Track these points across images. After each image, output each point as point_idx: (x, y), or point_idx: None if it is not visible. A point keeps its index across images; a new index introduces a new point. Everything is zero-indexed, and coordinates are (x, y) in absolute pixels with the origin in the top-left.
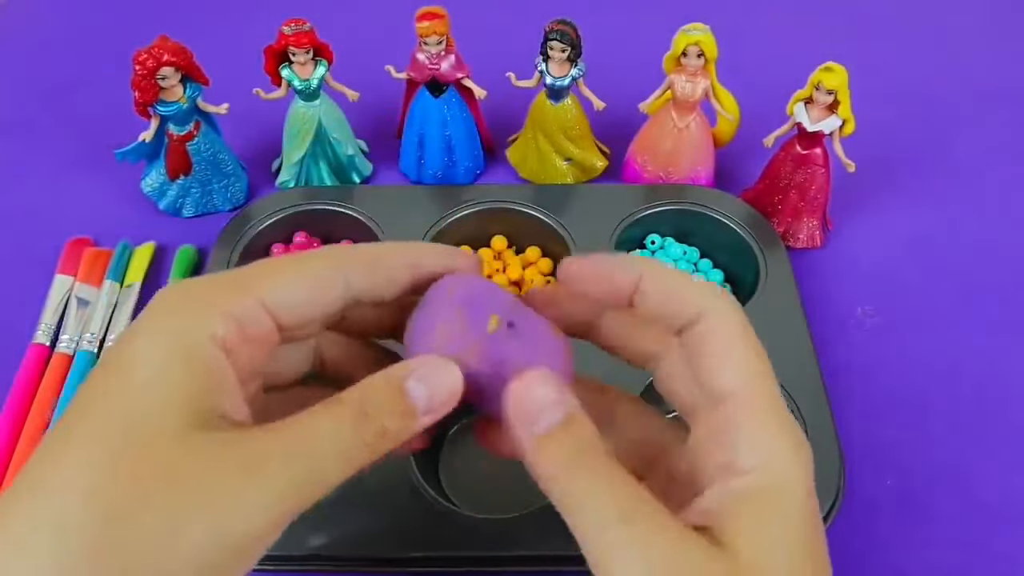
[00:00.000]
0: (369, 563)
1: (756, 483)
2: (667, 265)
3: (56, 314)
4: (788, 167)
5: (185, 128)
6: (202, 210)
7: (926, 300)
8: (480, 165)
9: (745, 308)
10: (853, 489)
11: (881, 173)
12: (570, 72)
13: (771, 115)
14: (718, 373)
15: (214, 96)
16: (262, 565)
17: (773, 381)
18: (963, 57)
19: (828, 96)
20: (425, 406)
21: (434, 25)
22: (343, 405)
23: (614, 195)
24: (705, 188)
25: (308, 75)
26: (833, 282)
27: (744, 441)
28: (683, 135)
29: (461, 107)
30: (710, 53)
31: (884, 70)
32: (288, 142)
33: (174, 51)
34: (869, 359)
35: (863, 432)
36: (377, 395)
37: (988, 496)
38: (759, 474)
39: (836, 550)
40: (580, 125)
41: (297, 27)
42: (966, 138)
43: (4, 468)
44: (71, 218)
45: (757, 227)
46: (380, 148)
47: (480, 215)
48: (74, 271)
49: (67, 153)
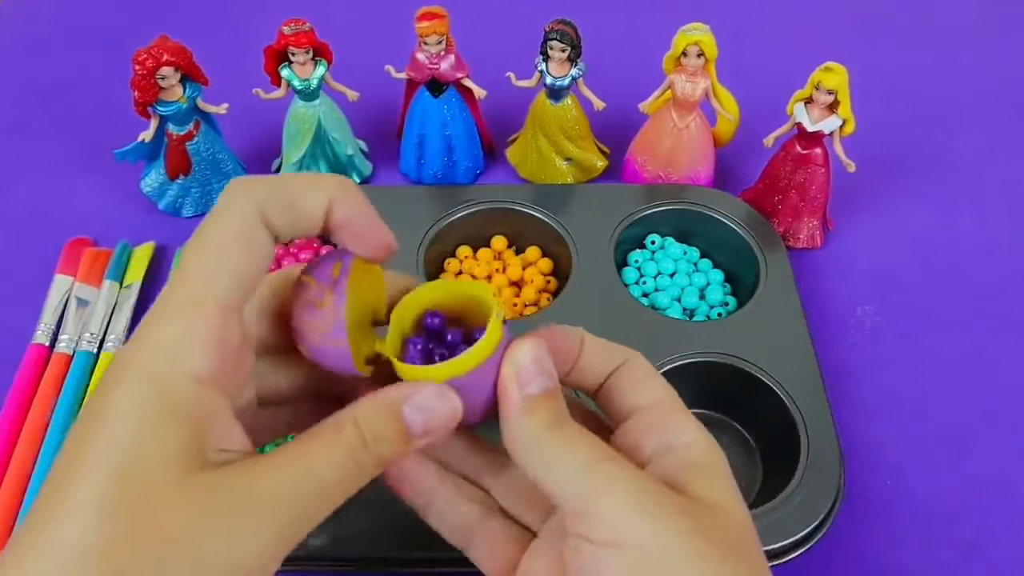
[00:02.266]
0: (369, 563)
1: (698, 452)
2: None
3: (56, 314)
4: (788, 167)
5: (185, 128)
6: (202, 210)
7: (926, 300)
8: (480, 165)
9: (745, 308)
10: (853, 489)
11: (881, 173)
12: (570, 72)
13: (771, 115)
14: (651, 388)
15: (214, 96)
16: None
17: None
18: (963, 57)
19: (828, 96)
20: (421, 432)
21: (434, 25)
22: (341, 434)
23: (614, 195)
24: (705, 188)
25: (308, 75)
26: (833, 282)
27: (679, 427)
28: (683, 135)
29: (461, 107)
30: (710, 53)
31: (884, 70)
32: (288, 142)
33: (174, 51)
34: (869, 359)
35: (863, 432)
36: (375, 424)
37: (988, 496)
38: (697, 447)
39: (836, 550)
40: (580, 125)
41: (297, 27)
42: (966, 138)
43: (4, 468)
44: (71, 218)
45: (757, 227)
46: (380, 148)
47: (480, 215)
48: (74, 271)
49: (67, 153)
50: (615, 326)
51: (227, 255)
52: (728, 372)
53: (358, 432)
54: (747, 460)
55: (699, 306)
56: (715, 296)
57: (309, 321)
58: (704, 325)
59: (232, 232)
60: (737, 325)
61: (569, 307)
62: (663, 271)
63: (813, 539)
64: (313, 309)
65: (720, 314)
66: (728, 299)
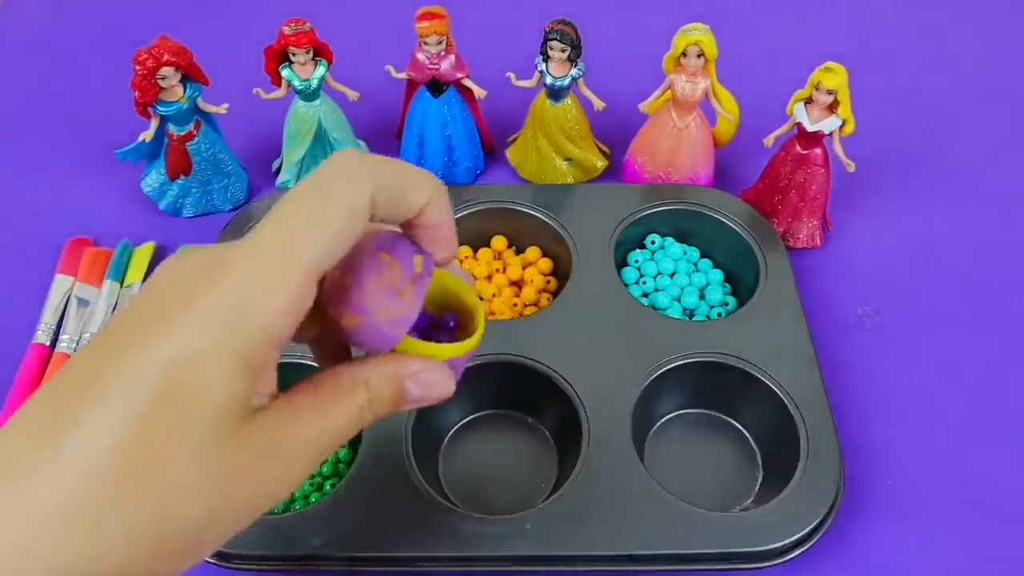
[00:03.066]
0: (369, 563)
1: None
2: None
3: (56, 314)
4: (788, 167)
5: (185, 128)
6: (202, 210)
7: (926, 300)
8: (480, 165)
9: (745, 308)
10: (853, 489)
11: (881, 173)
12: (570, 72)
13: (771, 115)
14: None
15: (214, 96)
16: (262, 565)
17: None
18: (963, 57)
19: (828, 96)
20: (413, 401)
21: (434, 25)
22: (354, 395)
23: (614, 195)
24: (705, 188)
25: (308, 75)
26: (833, 282)
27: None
28: (683, 135)
29: (461, 107)
30: (710, 53)
31: (884, 70)
32: (288, 142)
33: (174, 51)
34: (869, 359)
35: (863, 432)
36: (382, 390)
37: (988, 496)
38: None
39: (836, 550)
40: (580, 125)
41: (297, 27)
42: (966, 138)
43: None
44: (71, 218)
45: (757, 227)
46: (380, 148)
47: (480, 215)
48: (74, 271)
49: (67, 153)
50: (615, 326)
51: (331, 228)
52: (728, 372)
53: (367, 394)
54: (747, 460)
55: (699, 306)
56: (715, 296)
57: (383, 303)
58: (704, 325)
59: (344, 208)
60: (737, 325)
61: (569, 307)
62: (663, 271)
63: (813, 539)
64: (392, 295)
65: (720, 314)
66: (728, 299)
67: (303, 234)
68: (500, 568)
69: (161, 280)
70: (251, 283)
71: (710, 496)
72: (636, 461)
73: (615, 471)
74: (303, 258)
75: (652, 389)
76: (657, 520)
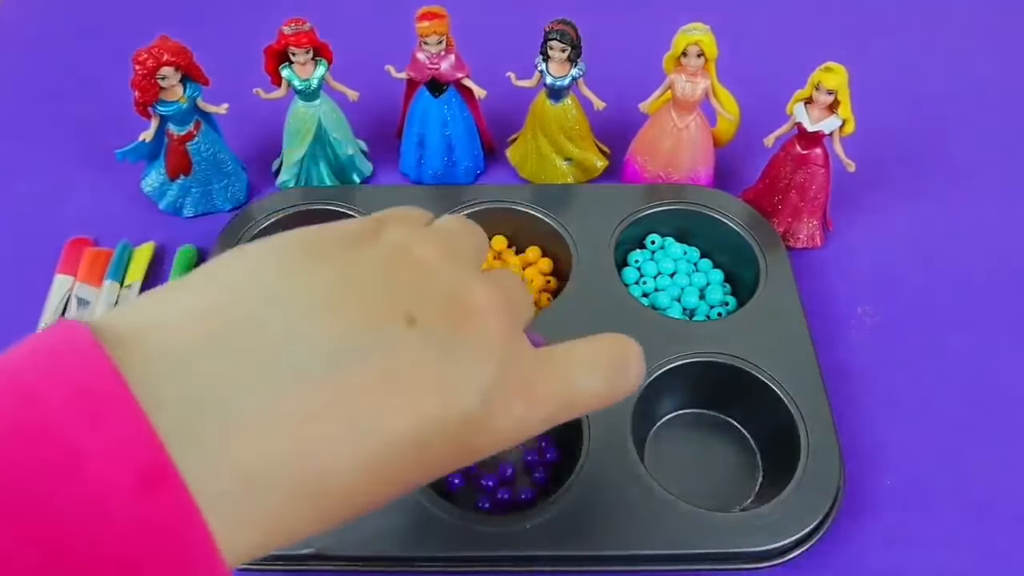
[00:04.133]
0: (369, 563)
1: None
2: None
3: (56, 314)
4: (788, 167)
5: (185, 128)
6: (202, 210)
7: (926, 300)
8: (480, 165)
9: (745, 308)
10: (853, 489)
11: (881, 173)
12: (570, 72)
13: (771, 115)
14: None
15: (214, 96)
16: (262, 565)
17: None
18: (963, 57)
19: (828, 96)
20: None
21: (434, 25)
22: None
23: (614, 195)
24: (705, 188)
25: (308, 75)
26: (833, 282)
27: None
28: (683, 135)
29: (461, 107)
30: (710, 53)
31: (884, 70)
32: (288, 142)
33: (174, 51)
34: (869, 359)
35: (863, 432)
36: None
37: (988, 496)
38: None
39: (836, 550)
40: (580, 125)
41: (297, 27)
42: (966, 138)
43: None
44: (71, 218)
45: (757, 227)
46: (380, 148)
47: (480, 215)
48: (74, 271)
49: (67, 153)
50: (615, 326)
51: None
52: (728, 372)
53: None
54: (747, 460)
55: (699, 306)
56: (715, 296)
57: None
58: (704, 325)
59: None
60: (737, 325)
61: (569, 307)
62: (663, 271)
63: (813, 539)
64: None
65: (720, 314)
66: (728, 299)
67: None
68: (500, 568)
69: None
70: None
71: (710, 496)
72: (636, 461)
73: (615, 471)
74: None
75: (652, 389)
76: (657, 520)
